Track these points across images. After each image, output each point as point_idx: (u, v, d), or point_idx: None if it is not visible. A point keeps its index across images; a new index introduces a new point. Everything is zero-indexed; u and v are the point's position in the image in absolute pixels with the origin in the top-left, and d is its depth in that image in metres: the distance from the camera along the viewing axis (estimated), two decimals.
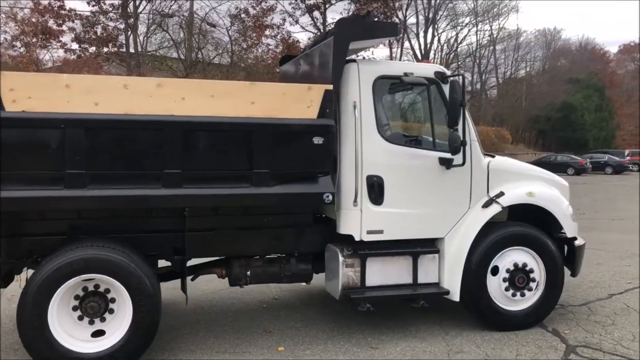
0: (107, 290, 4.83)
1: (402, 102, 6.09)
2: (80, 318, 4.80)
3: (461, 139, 5.27)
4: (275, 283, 5.96)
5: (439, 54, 47.09)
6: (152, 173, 4.78)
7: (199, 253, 5.57)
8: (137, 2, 29.49)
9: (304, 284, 6.29)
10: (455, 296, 5.60)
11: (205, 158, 4.91)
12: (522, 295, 5.77)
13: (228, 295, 7.13)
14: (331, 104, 5.16)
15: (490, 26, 51.05)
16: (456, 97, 5.21)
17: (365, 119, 5.38)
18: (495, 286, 5.72)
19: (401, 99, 6.06)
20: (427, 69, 5.63)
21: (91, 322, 4.82)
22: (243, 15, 32.86)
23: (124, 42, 30.00)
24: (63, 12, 28.32)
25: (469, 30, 49.20)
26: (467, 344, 5.44)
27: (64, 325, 4.71)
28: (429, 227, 5.63)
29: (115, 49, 29.82)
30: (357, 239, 5.42)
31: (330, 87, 5.18)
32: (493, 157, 6.10)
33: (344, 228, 5.47)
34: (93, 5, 28.75)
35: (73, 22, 28.73)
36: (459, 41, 47.99)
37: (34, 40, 26.21)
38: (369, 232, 5.43)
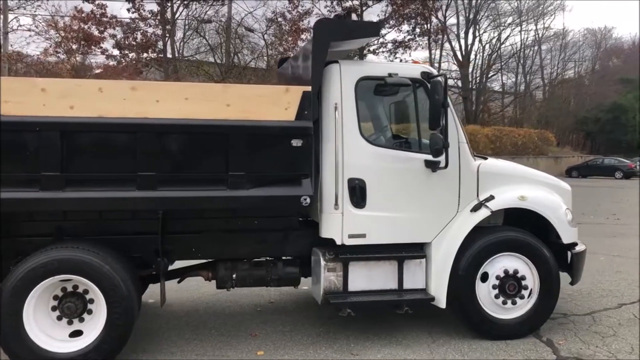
0: (86, 291, 4.89)
1: (389, 103, 5.94)
2: (59, 318, 4.87)
3: (443, 141, 5.11)
4: (262, 286, 5.90)
5: (481, 54, 46.28)
6: (126, 175, 4.81)
7: (182, 256, 5.58)
8: (175, 8, 30.09)
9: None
10: (442, 303, 5.42)
11: (179, 160, 4.93)
12: (514, 303, 5.54)
13: (226, 298, 7.12)
14: (310, 106, 5.09)
15: (535, 25, 49.84)
16: (437, 98, 5.06)
17: (347, 120, 5.28)
18: (485, 293, 5.51)
19: (388, 100, 5.90)
20: (413, 70, 5.49)
21: (70, 322, 4.88)
22: (280, 19, 33.09)
23: (161, 47, 30.61)
24: (105, 19, 29.13)
25: (512, 30, 48.17)
26: (452, 352, 5.26)
27: (42, 325, 4.78)
28: (414, 231, 5.48)
29: (155, 54, 30.47)
30: (338, 242, 5.33)
31: (309, 88, 5.11)
32: (485, 159, 5.90)
33: (326, 232, 5.38)
34: (132, 12, 29.50)
35: (114, 29, 29.52)
36: (501, 41, 47.01)
37: (76, 46, 27.05)
38: (351, 236, 5.33)
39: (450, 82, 43.12)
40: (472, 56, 44.59)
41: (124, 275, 4.85)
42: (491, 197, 5.53)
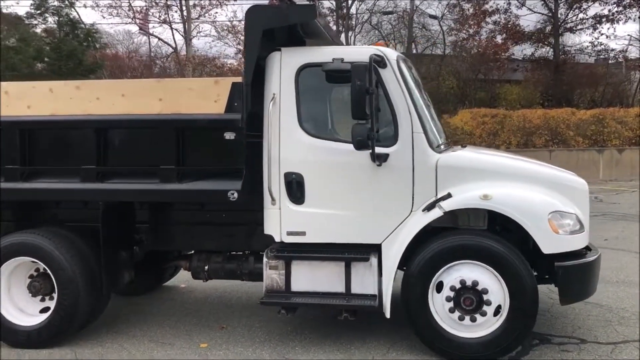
0: None
1: (339, 92, 5.42)
2: (34, 295, 5.49)
3: (368, 131, 4.56)
4: (234, 280, 5.90)
5: None
6: (72, 169, 5.21)
7: (153, 246, 5.84)
8: (349, 3, 30.69)
9: None
10: (387, 312, 4.85)
11: (115, 154, 5.19)
12: (473, 320, 4.71)
13: (246, 289, 7.06)
14: (240, 98, 4.94)
15: None
16: (359, 84, 4.51)
17: (285, 111, 5.01)
18: (440, 306, 4.79)
19: (340, 88, 5.37)
20: (361, 53, 4.94)
21: (42, 300, 5.49)
22: (462, 3, 31.76)
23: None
24: None
25: None
26: None
27: (15, 300, 5.43)
28: (360, 231, 4.98)
29: None
30: (277, 240, 5.10)
31: (238, 79, 4.98)
32: (463, 147, 5.08)
33: (267, 228, 5.17)
34: None
35: None
36: None
37: None
38: (290, 234, 5.06)
39: None
40: None
41: (74, 259, 5.24)
42: (448, 196, 4.76)
